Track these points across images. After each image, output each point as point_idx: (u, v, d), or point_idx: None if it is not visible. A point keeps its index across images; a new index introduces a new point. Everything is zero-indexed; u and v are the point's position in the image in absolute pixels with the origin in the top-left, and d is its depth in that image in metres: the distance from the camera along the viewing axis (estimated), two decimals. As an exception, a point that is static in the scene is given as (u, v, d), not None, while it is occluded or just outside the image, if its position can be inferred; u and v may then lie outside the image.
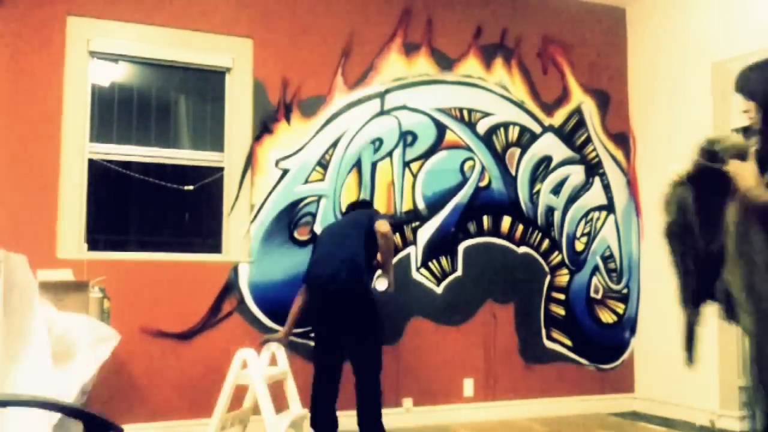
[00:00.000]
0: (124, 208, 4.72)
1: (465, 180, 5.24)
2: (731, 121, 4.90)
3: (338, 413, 4.22)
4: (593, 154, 5.67)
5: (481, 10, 5.40)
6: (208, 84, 4.82)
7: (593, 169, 5.66)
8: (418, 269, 5.06)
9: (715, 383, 4.88)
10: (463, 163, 5.24)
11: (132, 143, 4.60)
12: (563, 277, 5.49)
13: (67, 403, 1.66)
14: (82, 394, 3.47)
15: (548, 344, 5.40)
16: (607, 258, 5.63)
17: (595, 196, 5.64)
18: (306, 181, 4.84)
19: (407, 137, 5.11)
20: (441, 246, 5.14)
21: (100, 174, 4.49)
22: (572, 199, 5.57)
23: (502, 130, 5.39)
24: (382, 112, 5.05)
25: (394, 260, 4.69)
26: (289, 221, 4.78)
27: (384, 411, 4.63)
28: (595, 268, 5.58)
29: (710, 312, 3.07)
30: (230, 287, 4.61)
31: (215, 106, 4.82)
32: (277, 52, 4.84)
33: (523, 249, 5.37)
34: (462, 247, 5.20)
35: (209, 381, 4.49)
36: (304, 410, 4.14)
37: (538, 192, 5.46)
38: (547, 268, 5.44)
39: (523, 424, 5.01)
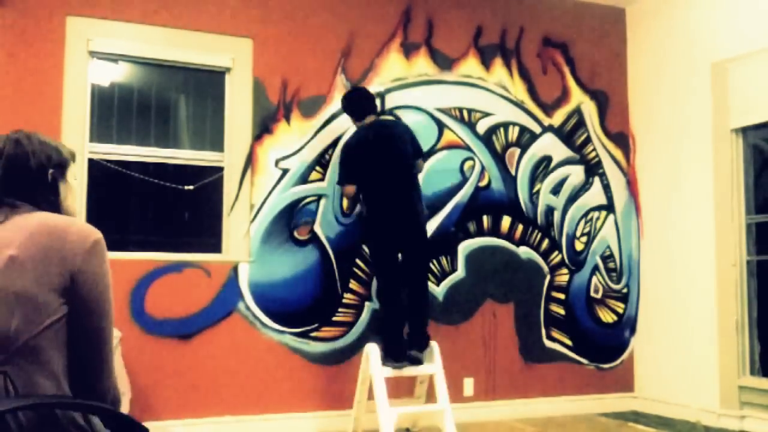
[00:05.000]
0: (124, 208, 4.72)
1: (465, 180, 5.24)
2: (731, 121, 4.91)
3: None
4: (593, 154, 5.67)
5: (481, 10, 5.40)
6: (208, 84, 4.82)
7: (593, 169, 5.66)
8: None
9: (715, 383, 4.89)
10: (462, 162, 5.24)
11: (132, 143, 4.60)
12: (563, 277, 5.49)
13: (90, 402, 1.65)
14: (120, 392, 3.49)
15: (548, 344, 5.40)
16: (606, 258, 5.63)
17: (594, 195, 5.64)
18: (306, 181, 4.85)
19: (407, 137, 5.11)
20: (441, 246, 5.14)
21: (100, 174, 4.49)
22: (572, 199, 5.57)
23: (501, 130, 5.39)
24: (383, 112, 5.05)
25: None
26: (288, 221, 4.78)
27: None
28: (595, 268, 5.59)
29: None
30: (230, 287, 4.61)
31: (215, 106, 4.82)
32: (277, 52, 4.84)
33: (523, 249, 5.38)
34: (462, 246, 5.20)
35: (209, 380, 4.50)
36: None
37: (537, 192, 5.46)
38: (546, 268, 5.44)
39: (513, 425, 5.01)
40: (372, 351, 4.27)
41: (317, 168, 4.87)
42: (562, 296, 5.48)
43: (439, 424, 4.21)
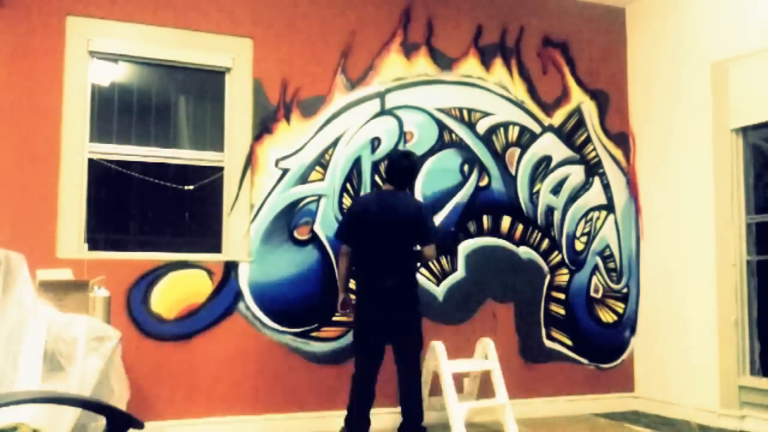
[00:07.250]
0: (124, 208, 4.72)
1: (465, 180, 5.24)
2: (730, 121, 4.91)
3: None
4: (593, 153, 5.67)
5: (481, 10, 5.40)
6: (208, 84, 4.82)
7: (593, 168, 5.66)
8: (418, 269, 5.06)
9: (715, 383, 4.89)
10: (463, 163, 5.24)
11: (132, 143, 4.60)
12: (563, 277, 5.49)
13: (90, 399, 1.67)
14: (116, 393, 3.49)
15: (548, 344, 5.40)
16: (606, 257, 5.63)
17: (594, 195, 5.64)
18: (306, 181, 4.84)
19: (407, 137, 5.11)
20: (441, 246, 5.13)
21: (100, 174, 4.49)
22: (572, 199, 5.57)
23: (501, 130, 5.39)
24: (382, 112, 5.05)
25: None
26: (288, 221, 4.78)
27: (384, 410, 4.64)
28: (595, 268, 5.58)
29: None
30: (230, 287, 4.61)
31: (215, 106, 4.82)
32: (277, 52, 4.84)
33: (523, 249, 5.37)
34: (462, 246, 5.20)
35: (209, 381, 4.50)
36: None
37: (537, 192, 5.46)
38: (546, 268, 5.44)
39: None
40: (438, 347, 4.47)
41: (317, 168, 4.87)
42: (562, 296, 5.48)
43: (499, 419, 4.55)
